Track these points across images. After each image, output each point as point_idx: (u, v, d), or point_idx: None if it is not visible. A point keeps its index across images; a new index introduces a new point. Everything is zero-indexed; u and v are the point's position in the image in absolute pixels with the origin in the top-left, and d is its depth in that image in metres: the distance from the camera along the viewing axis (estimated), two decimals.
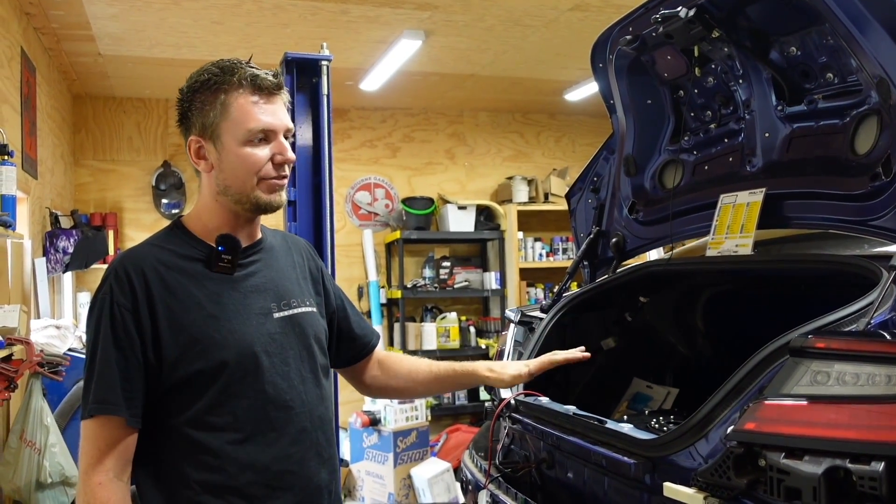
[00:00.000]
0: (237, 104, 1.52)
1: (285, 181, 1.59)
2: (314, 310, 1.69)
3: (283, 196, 1.60)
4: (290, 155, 1.56)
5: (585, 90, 6.01)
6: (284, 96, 1.59)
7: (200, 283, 1.53)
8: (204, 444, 1.49)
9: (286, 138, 1.57)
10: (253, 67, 1.55)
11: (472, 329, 6.43)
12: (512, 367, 1.95)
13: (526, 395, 2.10)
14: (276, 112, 1.55)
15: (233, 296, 1.55)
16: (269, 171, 1.54)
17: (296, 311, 1.63)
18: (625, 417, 2.26)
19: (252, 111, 1.52)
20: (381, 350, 1.96)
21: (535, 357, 2.11)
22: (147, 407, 1.49)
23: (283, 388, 1.56)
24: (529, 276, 6.57)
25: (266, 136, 1.54)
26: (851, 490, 1.15)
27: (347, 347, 1.85)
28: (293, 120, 3.11)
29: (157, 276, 1.50)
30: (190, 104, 1.55)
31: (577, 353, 1.98)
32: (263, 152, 1.53)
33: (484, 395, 6.00)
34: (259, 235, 1.67)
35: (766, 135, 2.09)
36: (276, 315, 1.59)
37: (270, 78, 1.54)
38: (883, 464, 1.11)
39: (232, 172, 1.54)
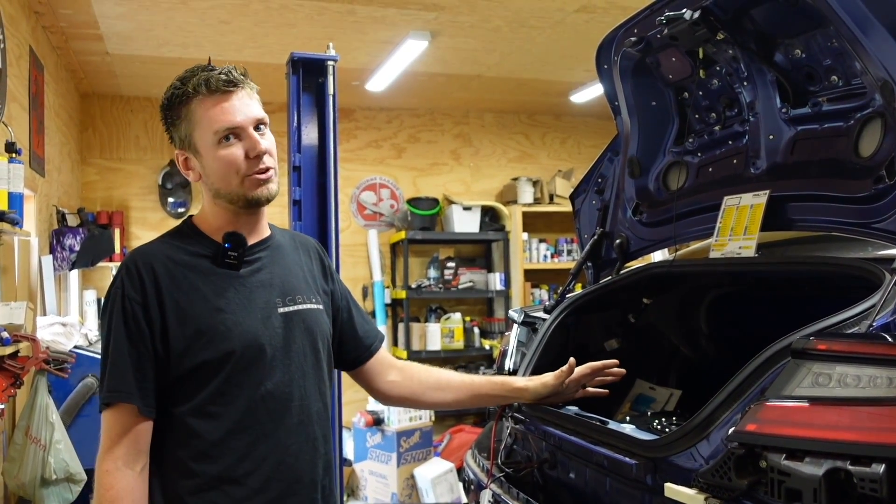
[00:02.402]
0: (198, 111, 1.55)
1: (269, 173, 1.59)
2: (320, 307, 1.72)
3: (273, 187, 1.60)
4: (262, 146, 1.56)
5: (591, 92, 6.00)
6: (247, 88, 1.59)
7: (207, 278, 1.57)
8: (202, 434, 1.52)
9: (258, 129, 1.58)
10: (209, 70, 1.56)
11: (476, 330, 6.43)
12: (538, 380, 1.98)
13: None
14: (237, 108, 1.56)
15: (238, 290, 1.59)
16: (250, 167, 1.56)
17: (301, 307, 1.66)
18: (627, 419, 2.26)
19: (212, 114, 1.55)
20: (395, 359, 1.97)
21: (537, 357, 2.11)
22: (156, 397, 1.53)
23: (283, 381, 1.58)
24: (534, 277, 6.57)
25: (234, 133, 1.55)
26: (852, 492, 1.15)
27: (349, 348, 1.86)
28: (298, 119, 3.14)
29: (165, 271, 1.55)
30: (166, 122, 1.61)
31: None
32: (237, 151, 1.55)
33: None
34: (266, 233, 1.70)
35: (771, 137, 2.08)
36: (281, 310, 1.62)
37: (221, 77, 1.55)
38: (883, 466, 1.11)
39: (216, 176, 1.58)
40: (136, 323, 1.51)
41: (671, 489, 1.45)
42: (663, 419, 2.20)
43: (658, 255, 3.43)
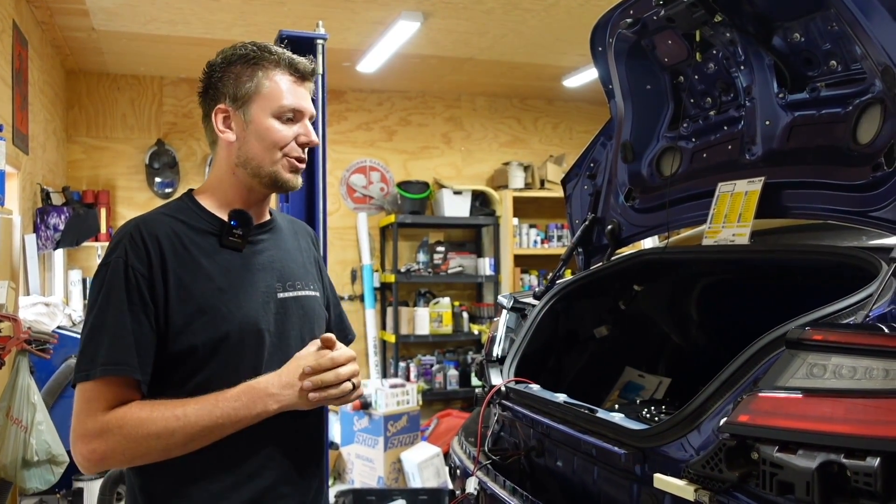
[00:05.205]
0: (273, 81, 1.58)
1: (304, 164, 1.62)
2: (317, 294, 1.69)
3: (300, 179, 1.62)
4: (314, 137, 1.62)
5: (584, 76, 5.96)
6: (311, 85, 1.66)
7: (210, 256, 1.53)
8: None
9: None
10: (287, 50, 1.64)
11: (465, 314, 6.42)
12: None
13: (517, 381, 2.08)
14: (306, 96, 1.62)
15: (241, 271, 1.55)
16: (293, 150, 1.59)
17: (300, 293, 1.63)
18: (616, 406, 2.24)
19: (287, 90, 1.58)
20: None
21: (526, 343, 2.08)
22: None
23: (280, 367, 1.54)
24: (524, 262, 6.55)
25: (294, 115, 1.59)
26: (846, 485, 1.13)
27: None
28: None
29: (170, 244, 1.50)
30: (223, 74, 1.59)
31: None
32: (290, 130, 1.58)
33: (475, 380, 5.99)
34: (268, 216, 1.68)
35: (767, 123, 2.05)
36: (281, 295, 1.59)
37: (307, 63, 1.62)
38: (878, 459, 1.09)
39: (257, 144, 1.57)
40: (140, 296, 1.45)
41: (661, 480, 1.42)
42: (652, 407, 2.18)
43: (649, 242, 3.40)
